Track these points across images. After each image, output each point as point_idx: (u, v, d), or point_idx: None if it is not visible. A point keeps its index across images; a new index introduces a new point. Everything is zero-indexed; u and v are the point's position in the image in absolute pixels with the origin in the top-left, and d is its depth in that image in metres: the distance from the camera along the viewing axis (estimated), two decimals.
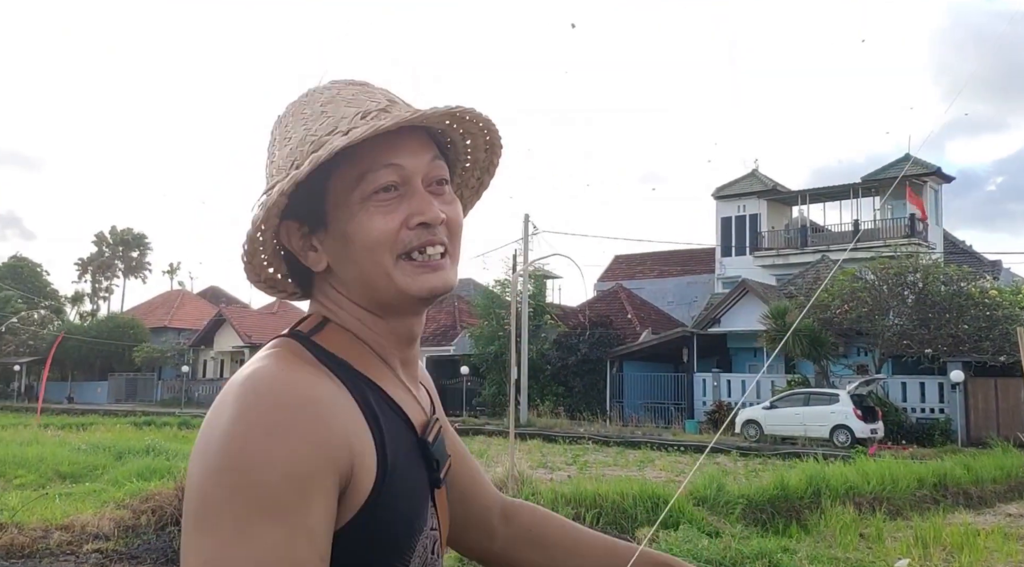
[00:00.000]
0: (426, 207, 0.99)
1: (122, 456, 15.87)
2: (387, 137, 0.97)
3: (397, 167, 0.99)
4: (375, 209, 0.98)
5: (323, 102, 1.02)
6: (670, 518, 9.40)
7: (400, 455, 0.95)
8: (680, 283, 42.56)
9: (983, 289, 26.03)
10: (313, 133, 1.00)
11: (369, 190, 0.98)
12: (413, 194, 0.99)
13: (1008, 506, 13.20)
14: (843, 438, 22.06)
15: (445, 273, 1.02)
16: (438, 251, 1.01)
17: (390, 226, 0.98)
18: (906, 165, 37.32)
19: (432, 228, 1.00)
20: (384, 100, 1.02)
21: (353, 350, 1.00)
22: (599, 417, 28.90)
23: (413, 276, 0.99)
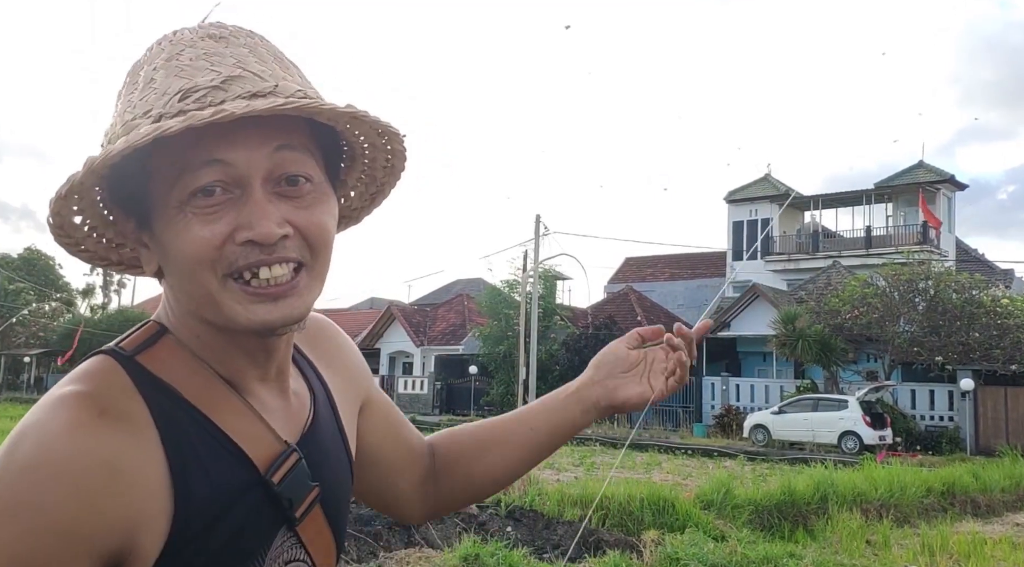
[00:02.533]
0: (257, 219, 0.80)
1: None
2: (218, 125, 0.77)
3: (223, 164, 0.80)
4: (194, 216, 0.80)
5: (162, 61, 0.84)
6: (676, 522, 9.37)
7: (220, 507, 0.81)
8: (690, 286, 42.47)
9: (995, 298, 25.95)
10: (132, 108, 0.82)
11: (186, 192, 0.80)
12: (247, 200, 0.81)
13: (1016, 515, 13.10)
14: (851, 444, 22.00)
15: (290, 302, 0.83)
16: (283, 273, 0.83)
17: (209, 240, 0.80)
18: (919, 172, 37.30)
19: (266, 247, 0.81)
20: (230, 69, 0.82)
21: (188, 374, 0.86)
22: (607, 419, 28.85)
23: (244, 304, 0.82)
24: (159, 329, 0.89)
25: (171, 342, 0.87)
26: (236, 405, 0.87)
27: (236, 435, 0.85)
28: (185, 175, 0.80)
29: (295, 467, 0.89)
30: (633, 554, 8.26)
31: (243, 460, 0.85)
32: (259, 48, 0.87)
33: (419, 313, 40.43)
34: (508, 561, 7.44)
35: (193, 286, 0.83)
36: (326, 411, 1.01)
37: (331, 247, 0.88)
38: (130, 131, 0.78)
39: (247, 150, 0.80)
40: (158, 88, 0.82)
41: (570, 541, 9.08)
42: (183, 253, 0.81)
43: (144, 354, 0.85)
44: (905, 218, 37.41)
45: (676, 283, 42.98)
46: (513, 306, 31.34)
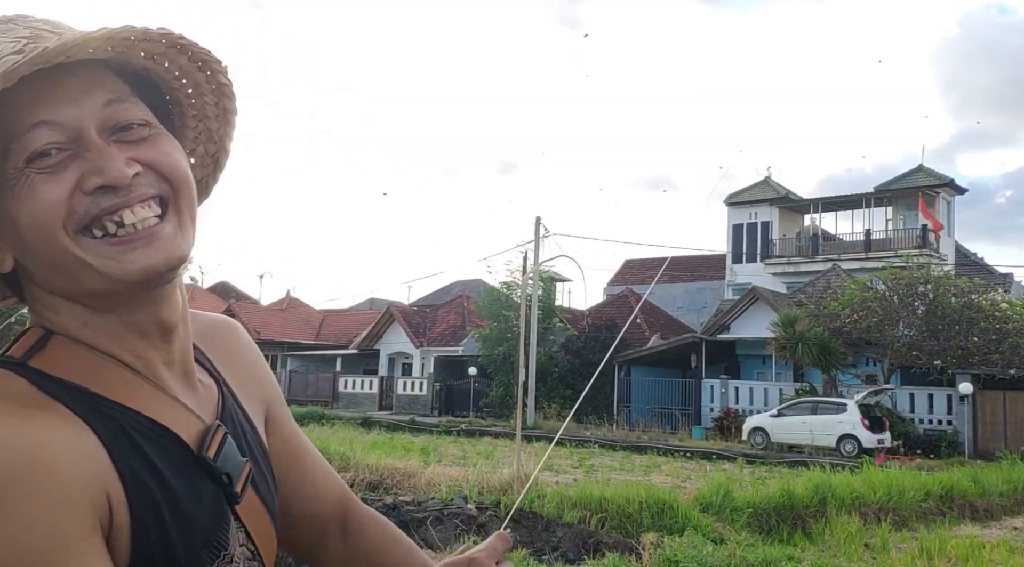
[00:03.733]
0: (104, 162, 0.76)
1: None
2: (34, 87, 0.74)
3: (52, 125, 0.75)
4: (36, 176, 0.75)
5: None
6: (675, 524, 9.40)
7: (167, 485, 0.77)
8: (690, 289, 42.49)
9: (994, 302, 25.96)
10: None
11: (21, 159, 0.75)
12: (87, 149, 0.76)
13: (1015, 520, 13.13)
14: (850, 448, 22.00)
15: (164, 244, 0.78)
16: (148, 215, 0.78)
17: (56, 194, 0.75)
18: (919, 176, 37.35)
19: (121, 190, 0.76)
20: (27, 33, 0.76)
21: (89, 367, 0.80)
22: (606, 421, 28.88)
23: (115, 257, 0.77)
24: (44, 332, 0.82)
25: (61, 342, 0.81)
26: (148, 390, 0.82)
27: (159, 417, 0.81)
28: (14, 143, 0.75)
29: (224, 442, 0.85)
30: (632, 556, 8.28)
31: (174, 439, 0.81)
32: (50, 20, 0.82)
33: (419, 314, 40.44)
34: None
35: (52, 253, 0.76)
36: (232, 403, 0.95)
37: (191, 183, 0.83)
38: None
39: (72, 105, 0.76)
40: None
41: (569, 543, 9.11)
42: (34, 216, 0.75)
43: (37, 358, 0.79)
44: (904, 222, 37.42)
45: (676, 285, 42.99)
46: (512, 308, 31.35)
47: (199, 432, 0.84)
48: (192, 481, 0.80)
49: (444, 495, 10.15)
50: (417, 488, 10.89)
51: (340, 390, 38.37)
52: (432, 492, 10.41)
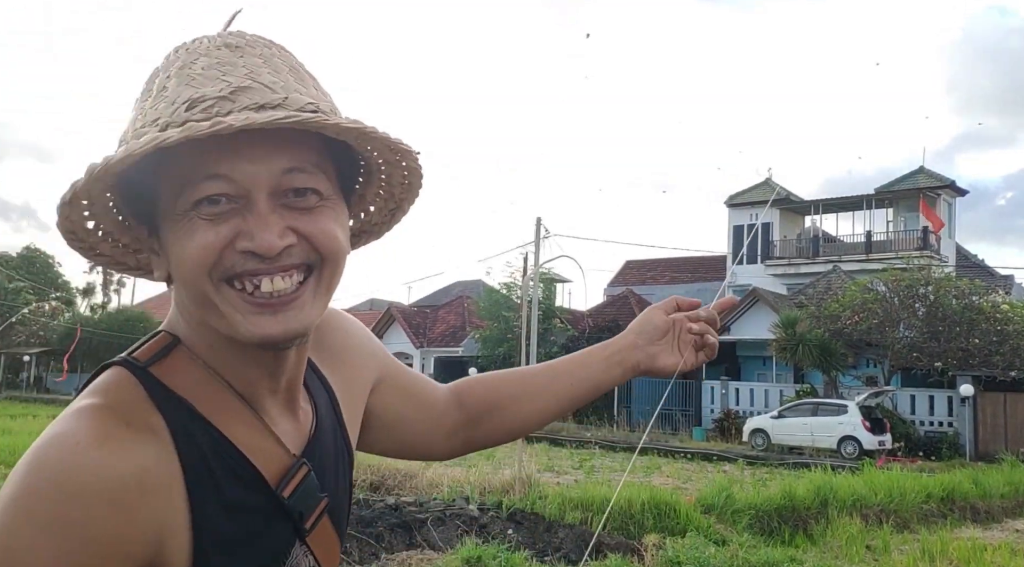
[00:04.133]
0: (259, 230, 0.79)
1: None
2: (223, 137, 0.76)
3: (225, 179, 0.79)
4: (199, 221, 0.79)
5: (176, 69, 0.84)
6: (677, 526, 9.39)
7: (234, 523, 0.82)
8: (690, 290, 42.44)
9: (995, 304, 25.96)
10: (143, 116, 0.82)
11: (191, 201, 0.79)
12: (251, 210, 0.80)
13: (1016, 522, 13.12)
14: (850, 449, 22.00)
15: (292, 315, 0.82)
16: (286, 286, 0.81)
17: (210, 242, 0.79)
18: (920, 177, 37.34)
19: (265, 259, 0.80)
20: (241, 79, 0.81)
21: (200, 386, 0.85)
22: (606, 422, 28.88)
23: (244, 314, 0.81)
24: (172, 340, 0.87)
25: (184, 354, 0.86)
26: (248, 419, 0.87)
27: (248, 450, 0.85)
28: (188, 187, 0.79)
29: (304, 480, 0.89)
30: (634, 558, 8.28)
31: (255, 476, 0.85)
32: (275, 59, 0.86)
33: (419, 315, 40.42)
34: (510, 563, 7.46)
35: (194, 291, 0.82)
36: (328, 415, 1.01)
37: (341, 256, 0.87)
38: (139, 138, 0.77)
39: (251, 165, 0.79)
40: (168, 96, 0.81)
41: (571, 544, 9.10)
42: (185, 256, 0.80)
43: (158, 366, 0.84)
44: (905, 223, 37.44)
45: (676, 286, 42.97)
46: (512, 308, 31.35)
47: (284, 467, 0.88)
48: (263, 516, 0.86)
49: (446, 496, 10.14)
50: (419, 489, 10.87)
51: None
52: (434, 493, 10.41)
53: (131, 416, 0.79)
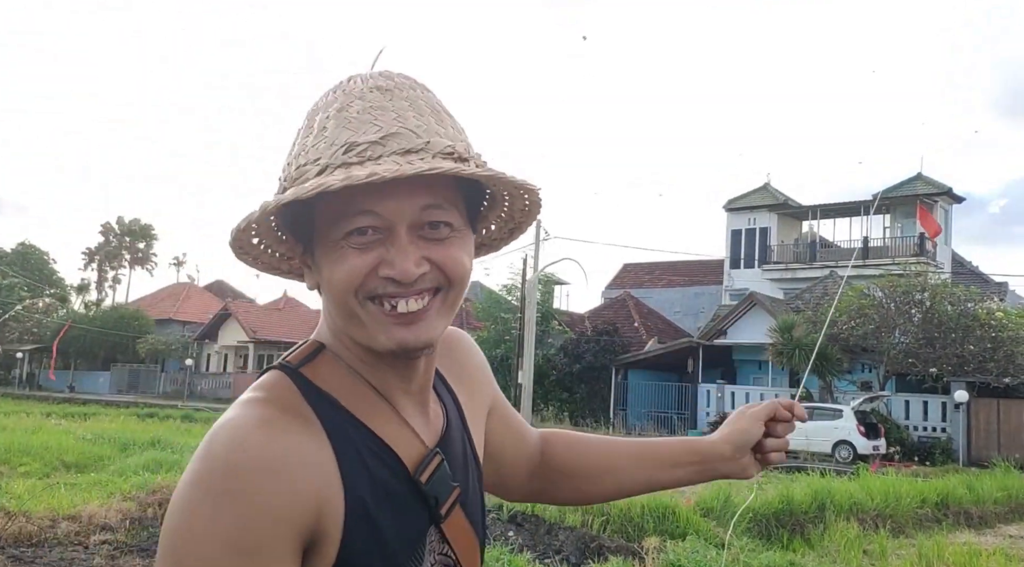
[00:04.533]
0: (400, 260, 0.91)
1: (127, 447, 15.94)
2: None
3: (373, 214, 0.91)
4: (349, 250, 0.92)
5: (335, 110, 0.96)
6: (677, 529, 9.45)
7: (380, 502, 0.92)
8: (688, 293, 42.61)
9: (990, 310, 26.11)
10: (305, 153, 0.94)
11: (343, 232, 0.92)
12: (393, 242, 0.92)
13: (1009, 527, 13.22)
14: (845, 453, 22.12)
15: (423, 327, 0.94)
16: (419, 306, 0.94)
17: (357, 268, 0.92)
18: (917, 184, 37.48)
19: (402, 285, 0.92)
20: (390, 124, 0.93)
21: (344, 384, 0.97)
22: (602, 424, 28.95)
23: (384, 325, 0.93)
24: (318, 346, 1.00)
25: (329, 357, 0.99)
26: (386, 412, 0.98)
27: (388, 438, 0.96)
28: (342, 220, 0.92)
29: (439, 468, 1.00)
30: (635, 560, 8.33)
31: (396, 460, 0.96)
32: (419, 101, 0.98)
33: None
34: (512, 565, 7.51)
35: (341, 307, 0.94)
36: (457, 422, 1.11)
37: (467, 281, 0.98)
38: (301, 177, 0.92)
39: (396, 203, 0.91)
40: (328, 137, 0.93)
41: (572, 546, 9.16)
42: (336, 278, 0.93)
43: (307, 367, 0.97)
44: (902, 229, 37.57)
45: (673, 290, 43.10)
46: (511, 310, 31.38)
47: (420, 455, 0.99)
48: (404, 500, 0.96)
49: None
50: None
51: None
52: None
53: (286, 405, 0.91)
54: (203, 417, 28.20)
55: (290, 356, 1.00)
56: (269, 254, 1.05)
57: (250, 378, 31.39)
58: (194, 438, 18.42)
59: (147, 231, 71.13)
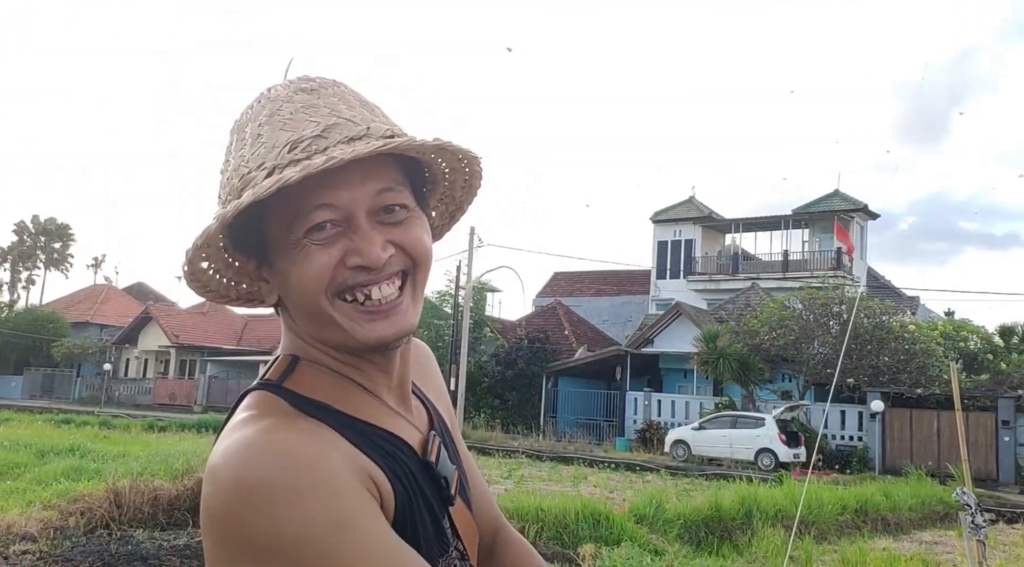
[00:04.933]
0: (366, 247, 0.91)
1: (45, 454, 15.42)
2: (322, 173, 0.88)
3: (330, 207, 0.90)
4: (311, 247, 0.91)
5: (265, 117, 0.95)
6: (611, 536, 9.59)
7: (408, 483, 0.92)
8: (615, 302, 43.19)
9: (903, 323, 27.10)
10: (246, 162, 0.93)
11: (302, 231, 0.91)
12: (355, 231, 0.91)
13: (923, 533, 13.72)
14: (767, 461, 22.66)
15: (399, 318, 0.94)
16: (390, 292, 0.93)
17: (325, 263, 0.90)
18: (835, 200, 38.77)
19: (372, 271, 0.92)
20: (327, 118, 0.93)
21: (331, 388, 0.95)
22: (533, 431, 29.10)
23: (359, 321, 0.92)
24: (293, 358, 0.97)
25: (307, 366, 0.96)
26: (379, 406, 0.98)
27: (390, 428, 0.96)
28: (298, 219, 0.91)
29: (441, 450, 1.01)
30: None
31: (407, 446, 0.96)
32: (346, 95, 0.98)
33: None
34: None
35: (312, 308, 0.92)
36: (438, 419, 1.12)
37: (430, 259, 0.99)
38: (248, 184, 0.90)
39: (350, 191, 0.91)
40: (266, 142, 0.92)
41: None
42: (303, 278, 0.91)
43: (289, 381, 0.94)
44: (820, 244, 38.78)
45: (602, 299, 43.63)
46: (444, 317, 31.31)
47: (421, 440, 1.00)
48: (420, 484, 0.95)
49: None
50: None
51: None
52: None
53: (290, 416, 0.90)
54: (121, 424, 27.35)
55: (267, 374, 0.97)
56: (218, 279, 1.02)
57: (172, 383, 30.54)
58: (114, 445, 17.89)
59: (64, 231, 68.67)
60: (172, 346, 43.83)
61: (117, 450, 16.37)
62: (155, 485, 10.09)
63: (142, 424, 27.32)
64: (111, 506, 9.70)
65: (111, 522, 9.43)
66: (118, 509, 9.69)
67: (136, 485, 9.94)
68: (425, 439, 1.01)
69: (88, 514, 9.44)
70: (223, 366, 41.88)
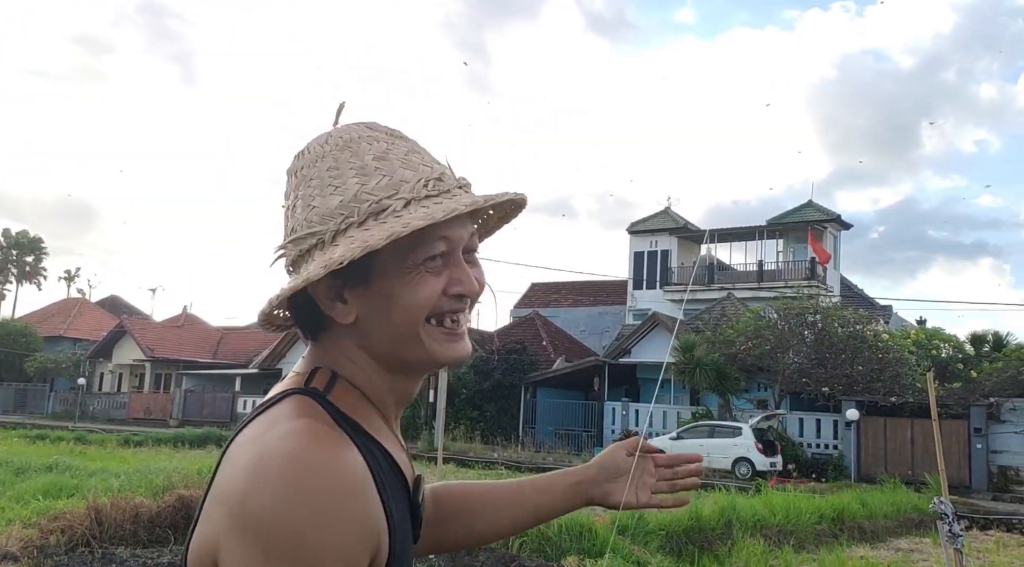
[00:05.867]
0: (467, 279, 1.02)
1: (22, 472, 15.25)
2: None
3: (447, 239, 1.01)
4: (427, 273, 1.00)
5: (374, 156, 1.03)
6: (594, 547, 9.67)
7: (403, 521, 0.98)
8: (592, 313, 43.40)
9: (876, 333, 27.47)
10: (370, 191, 1.00)
11: (421, 258, 0.99)
12: (456, 263, 1.02)
13: (899, 541, 13.91)
14: (744, 470, 22.84)
15: (467, 341, 1.06)
16: (467, 318, 1.05)
17: (435, 291, 1.00)
18: (808, 210, 39.24)
19: (465, 299, 1.03)
20: (433, 164, 1.06)
21: (361, 409, 1.02)
22: (512, 442, 29.15)
23: (441, 342, 1.02)
24: (332, 374, 1.03)
25: (344, 384, 1.03)
26: (392, 437, 1.06)
27: (399, 461, 1.03)
28: (420, 247, 0.99)
29: (422, 491, 1.08)
30: None
31: (404, 484, 1.03)
32: (417, 143, 1.09)
33: None
34: None
35: (407, 326, 1.00)
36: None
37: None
38: (382, 210, 0.99)
39: (461, 228, 1.03)
40: (389, 175, 1.02)
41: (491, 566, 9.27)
42: (415, 299, 0.99)
43: (331, 394, 1.00)
44: (794, 254, 39.24)
45: (579, 309, 43.84)
46: None
47: (414, 479, 1.07)
48: (407, 522, 1.01)
49: None
50: None
51: (239, 411, 37.25)
52: None
53: (332, 427, 0.94)
54: (96, 439, 27.06)
55: (312, 383, 1.02)
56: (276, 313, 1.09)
57: (147, 397, 30.17)
58: (91, 461, 17.71)
59: (36, 244, 67.96)
60: (147, 360, 43.45)
61: (94, 466, 16.23)
62: (136, 502, 10.04)
63: (118, 439, 27.04)
64: (92, 524, 9.64)
65: (92, 540, 9.37)
66: (99, 527, 9.63)
67: (117, 502, 9.89)
68: (417, 478, 1.07)
69: (69, 532, 9.38)
70: (199, 380, 41.55)
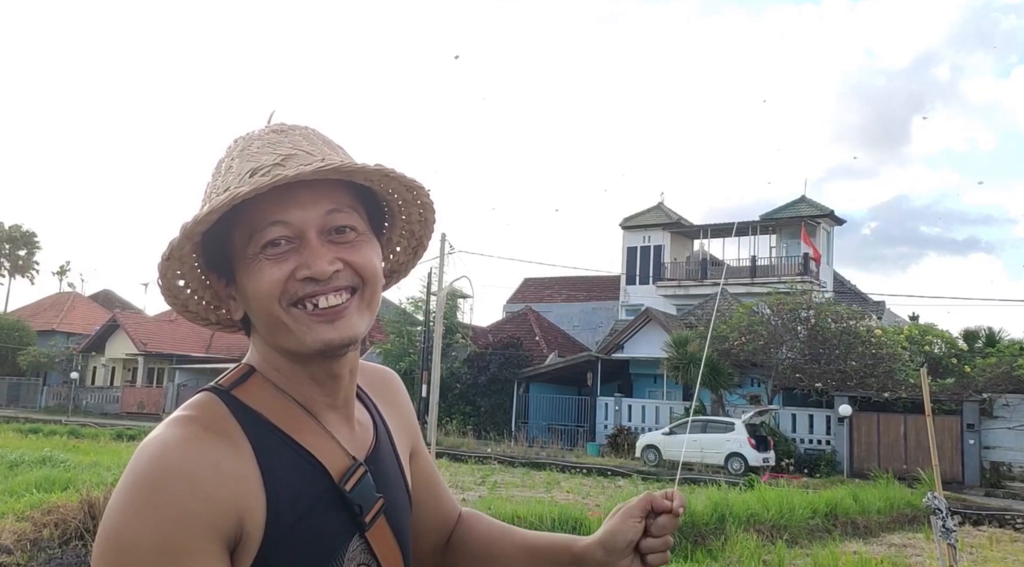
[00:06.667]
0: (313, 260, 1.01)
1: (16, 465, 15.21)
2: (275, 192, 1.00)
3: (284, 224, 1.01)
4: (265, 261, 1.01)
5: (239, 151, 1.06)
6: None
7: (303, 507, 0.99)
8: (586, 308, 43.41)
9: (869, 328, 27.50)
10: (216, 186, 1.04)
11: (259, 245, 1.01)
12: (305, 245, 1.02)
13: (892, 536, 13.96)
14: (737, 465, 22.90)
15: (344, 323, 1.03)
16: (337, 302, 1.02)
17: (276, 277, 1.01)
18: (801, 206, 39.30)
19: (321, 282, 1.01)
20: (287, 150, 1.04)
21: (273, 402, 1.05)
22: (505, 437, 29.16)
23: (309, 325, 1.02)
24: (249, 369, 1.08)
25: (259, 379, 1.07)
26: (312, 426, 1.06)
27: (314, 450, 1.04)
28: (256, 234, 1.02)
29: (363, 478, 1.07)
30: None
31: (320, 470, 1.03)
32: (312, 136, 1.09)
33: None
34: None
35: (268, 317, 1.03)
36: (386, 441, 1.19)
37: (379, 279, 1.08)
38: (221, 195, 1.01)
39: (302, 211, 1.02)
40: (234, 170, 1.04)
41: None
42: (258, 290, 1.02)
43: (238, 389, 1.05)
44: (787, 250, 39.27)
45: (572, 305, 43.84)
46: (416, 324, 31.30)
47: (345, 466, 1.06)
48: (328, 507, 1.03)
49: None
50: None
51: None
52: None
53: (210, 424, 0.99)
54: (90, 433, 27.02)
55: (222, 379, 1.07)
56: (196, 300, 1.12)
57: (140, 392, 30.41)
58: (84, 455, 17.72)
59: (29, 238, 67.61)
60: (140, 354, 43.30)
61: (88, 460, 16.21)
62: None
63: (111, 433, 27.02)
64: (85, 517, 9.63)
65: (86, 533, 9.36)
66: (92, 520, 9.61)
67: (110, 496, 9.88)
68: (349, 466, 1.06)
69: (63, 526, 9.37)
70: (192, 374, 41.40)
